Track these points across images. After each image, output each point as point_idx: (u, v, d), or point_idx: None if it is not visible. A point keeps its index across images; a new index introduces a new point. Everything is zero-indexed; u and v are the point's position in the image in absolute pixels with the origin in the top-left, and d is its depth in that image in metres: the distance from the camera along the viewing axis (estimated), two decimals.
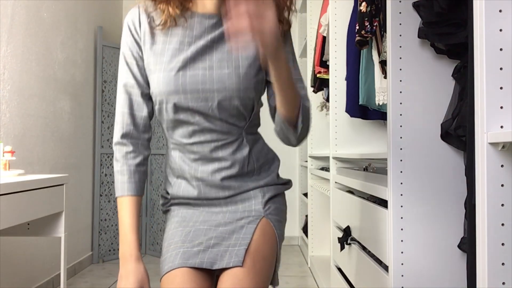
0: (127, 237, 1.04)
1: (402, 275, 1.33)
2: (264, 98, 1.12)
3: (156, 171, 3.58)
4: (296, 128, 1.02)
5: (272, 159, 1.18)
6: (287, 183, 1.20)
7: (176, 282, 0.97)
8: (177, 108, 1.03)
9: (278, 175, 1.18)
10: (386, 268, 1.43)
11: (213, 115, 1.03)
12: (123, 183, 1.06)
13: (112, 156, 1.20)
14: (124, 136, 1.08)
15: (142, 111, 1.08)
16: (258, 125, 1.17)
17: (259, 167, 1.12)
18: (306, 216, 3.55)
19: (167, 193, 1.16)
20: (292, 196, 4.00)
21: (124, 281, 1.00)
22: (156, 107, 1.07)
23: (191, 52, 1.03)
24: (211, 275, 1.02)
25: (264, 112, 1.11)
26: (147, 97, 1.08)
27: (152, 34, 1.05)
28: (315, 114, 3.30)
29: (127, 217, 1.05)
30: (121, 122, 1.08)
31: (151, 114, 1.10)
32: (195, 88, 1.01)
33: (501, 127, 0.76)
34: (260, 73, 1.06)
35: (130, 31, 1.06)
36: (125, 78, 1.07)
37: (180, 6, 1.03)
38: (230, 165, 1.07)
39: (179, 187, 1.11)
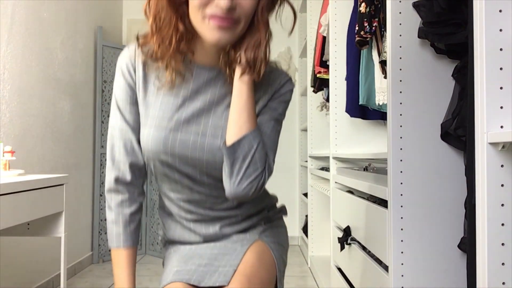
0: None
1: (402, 275, 1.33)
2: None
3: None
4: (233, 164, 0.92)
5: (270, 204, 1.16)
6: (282, 210, 1.19)
7: None
8: (164, 167, 0.99)
9: (273, 207, 1.17)
10: (386, 268, 1.43)
11: (201, 180, 1.00)
12: (119, 234, 1.02)
13: None
14: (119, 183, 1.02)
15: (138, 157, 1.02)
16: None
17: (255, 213, 1.10)
18: (306, 216, 3.55)
19: (164, 234, 1.15)
20: (292, 196, 4.00)
21: None
22: (145, 158, 1.02)
23: (186, 114, 0.97)
24: None
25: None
26: None
27: (146, 82, 0.98)
28: (315, 114, 3.30)
29: (124, 273, 1.00)
30: (116, 169, 1.02)
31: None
32: (184, 154, 0.96)
33: (501, 127, 0.76)
34: None
35: (123, 75, 0.99)
36: (118, 123, 1.01)
37: (183, 60, 0.95)
38: (222, 219, 1.05)
39: (174, 231, 1.10)
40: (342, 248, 1.96)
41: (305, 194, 3.57)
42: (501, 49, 0.77)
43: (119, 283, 1.01)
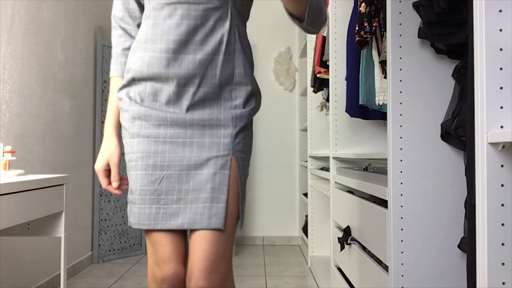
0: (108, 116, 1.16)
1: (402, 275, 1.33)
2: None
3: None
4: (302, 23, 1.03)
5: (252, 62, 1.13)
6: (258, 105, 1.13)
7: (158, 243, 1.04)
8: None
9: (250, 97, 1.09)
10: (386, 268, 1.43)
11: None
12: (112, 64, 1.16)
13: None
14: (115, 19, 1.14)
15: None
16: (246, 16, 1.14)
17: (238, 80, 1.05)
18: (306, 216, 3.55)
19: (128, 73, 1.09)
20: (292, 196, 4.00)
21: (100, 153, 1.14)
22: None
23: None
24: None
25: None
26: None
27: None
28: (315, 114, 3.30)
29: (111, 98, 1.15)
30: (114, 8, 1.15)
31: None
32: None
33: (501, 127, 0.76)
34: None
35: None
36: None
37: None
38: (203, 65, 1.01)
39: (143, 60, 1.04)
40: (342, 248, 1.96)
41: (305, 194, 3.57)
42: (501, 49, 0.77)
43: (109, 103, 1.17)
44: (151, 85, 1.03)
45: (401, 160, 1.34)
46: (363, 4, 1.74)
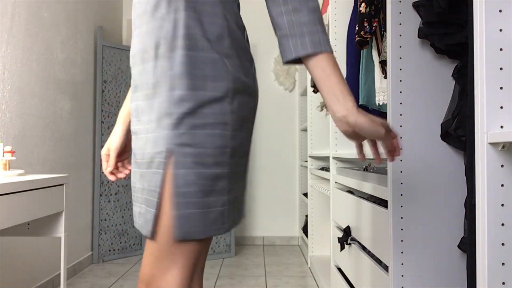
0: (122, 108, 1.16)
1: (402, 275, 1.33)
2: None
3: None
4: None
5: (216, 24, 0.88)
6: (226, 81, 0.87)
7: None
8: None
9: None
10: (386, 268, 1.43)
11: None
12: None
13: None
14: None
15: None
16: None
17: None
18: (306, 216, 3.55)
19: None
20: (292, 196, 4.00)
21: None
22: None
23: None
24: None
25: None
26: None
27: None
28: (315, 114, 3.30)
29: (125, 106, 1.16)
30: None
31: None
32: None
33: (501, 127, 0.76)
34: None
35: None
36: None
37: None
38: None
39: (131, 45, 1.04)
40: (342, 248, 1.96)
41: (305, 194, 3.57)
42: (501, 49, 0.77)
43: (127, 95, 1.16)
44: (134, 71, 0.99)
45: (401, 160, 1.34)
46: (363, 4, 1.74)
